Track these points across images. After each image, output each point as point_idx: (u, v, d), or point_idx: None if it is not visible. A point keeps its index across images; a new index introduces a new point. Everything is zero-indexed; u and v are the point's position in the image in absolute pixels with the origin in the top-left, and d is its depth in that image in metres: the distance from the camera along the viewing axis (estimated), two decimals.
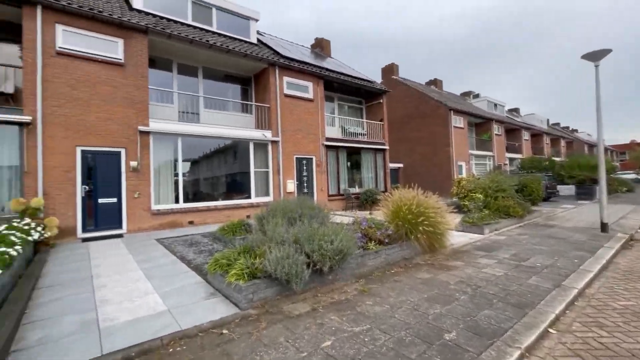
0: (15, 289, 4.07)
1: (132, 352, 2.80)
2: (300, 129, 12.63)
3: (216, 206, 10.31)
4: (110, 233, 8.34)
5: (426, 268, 5.22)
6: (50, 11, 7.70)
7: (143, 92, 9.00)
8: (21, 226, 6.05)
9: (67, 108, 7.84)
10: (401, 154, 22.90)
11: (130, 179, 8.71)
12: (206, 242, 7.47)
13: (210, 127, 10.46)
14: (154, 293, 4.20)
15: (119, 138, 8.55)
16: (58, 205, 7.64)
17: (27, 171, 7.32)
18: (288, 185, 11.98)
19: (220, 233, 7.61)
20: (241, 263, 4.00)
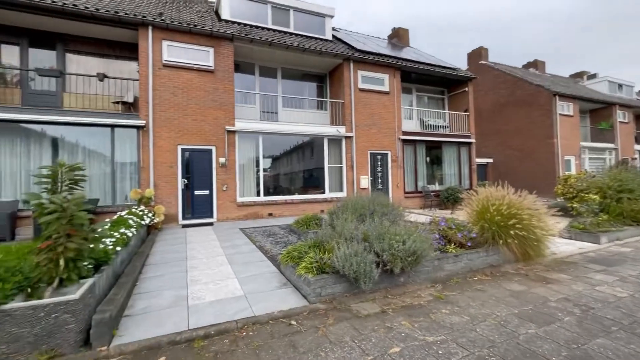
0: (130, 264, 4.90)
1: (211, 330, 3.07)
2: (374, 124, 12.30)
3: (293, 200, 10.79)
4: (203, 221, 9.45)
5: (518, 279, 4.50)
6: (158, 30, 9.04)
7: (230, 95, 9.91)
8: (137, 212, 7.29)
9: (170, 112, 9.12)
10: (491, 148, 20.44)
11: (219, 173, 9.70)
12: (282, 233, 7.86)
13: (287, 125, 10.95)
14: (234, 278, 4.56)
15: (210, 137, 9.60)
16: (164, 195, 8.98)
17: (142, 166, 8.79)
18: (361, 181, 11.80)
19: (295, 226, 7.91)
20: (310, 257, 4.05)
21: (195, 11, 11.34)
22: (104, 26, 8.78)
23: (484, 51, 21.85)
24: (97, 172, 8.62)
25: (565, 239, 7.02)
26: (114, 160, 8.69)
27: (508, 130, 19.66)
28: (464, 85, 14.95)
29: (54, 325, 2.65)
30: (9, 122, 7.76)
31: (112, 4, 9.18)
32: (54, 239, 2.96)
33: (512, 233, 4.82)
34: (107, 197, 8.64)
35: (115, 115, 8.69)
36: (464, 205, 6.02)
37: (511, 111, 19.49)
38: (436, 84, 15.44)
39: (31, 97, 8.88)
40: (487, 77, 20.73)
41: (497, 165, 20.10)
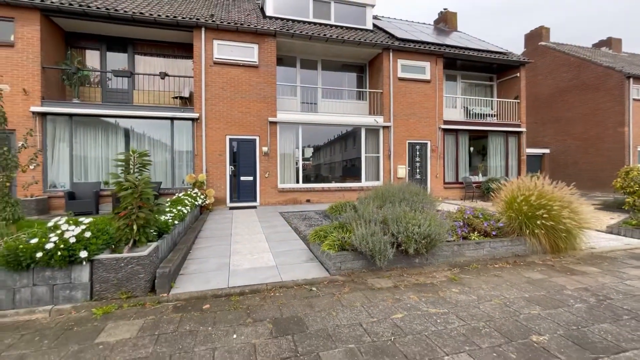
0: (185, 236, 5.82)
1: (246, 289, 3.71)
2: (414, 113, 12.19)
3: (330, 188, 11.29)
4: (248, 205, 10.39)
5: (541, 268, 4.51)
6: (210, 30, 9.96)
7: (272, 88, 10.60)
8: (192, 194, 8.36)
9: (220, 105, 10.09)
10: (549, 138, 18.85)
11: (262, 161, 10.53)
12: (317, 218, 8.42)
13: (326, 115, 11.39)
14: (269, 252, 5.22)
15: (254, 128, 10.42)
16: (214, 180, 10.05)
17: (196, 154, 9.91)
18: (399, 170, 11.87)
19: (329, 211, 8.40)
20: (334, 236, 4.51)
21: (243, 9, 12.15)
22: (165, 30, 9.92)
23: (545, 31, 19.90)
24: (160, 159, 9.93)
25: (614, 234, 6.58)
26: (173, 148, 9.93)
27: (569, 117, 17.91)
28: (515, 71, 13.98)
29: (130, 273, 3.47)
30: (93, 117, 9.30)
31: (170, 9, 10.29)
32: (129, 209, 3.81)
33: (539, 223, 4.78)
34: (168, 181, 9.93)
35: (174, 109, 9.87)
36: (494, 197, 5.99)
37: (574, 96, 17.69)
38: (484, 70, 14.64)
39: (109, 95, 10.44)
40: (547, 59, 18.96)
41: (556, 156, 18.51)
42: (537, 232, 4.86)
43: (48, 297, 3.27)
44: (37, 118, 8.69)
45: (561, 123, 18.25)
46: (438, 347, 2.56)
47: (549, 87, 18.91)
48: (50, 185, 9.02)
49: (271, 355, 2.46)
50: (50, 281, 3.27)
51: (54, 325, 2.97)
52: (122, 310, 3.26)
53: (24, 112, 8.58)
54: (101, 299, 3.40)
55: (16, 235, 3.32)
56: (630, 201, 7.81)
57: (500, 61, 13.40)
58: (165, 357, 2.46)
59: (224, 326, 2.92)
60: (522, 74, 13.76)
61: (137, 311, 3.25)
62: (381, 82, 12.01)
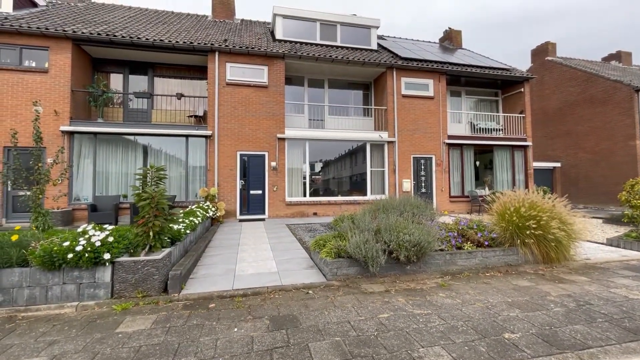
0: (196, 245, 6.25)
1: (248, 291, 4.07)
2: (418, 129, 12.54)
3: (336, 201, 11.64)
4: (257, 217, 10.83)
5: (531, 277, 4.70)
6: (223, 54, 10.74)
7: (280, 106, 11.21)
8: (204, 206, 8.86)
9: (231, 123, 10.72)
10: (559, 151, 18.76)
11: (271, 176, 11.02)
12: (322, 230, 8.74)
13: (332, 132, 11.87)
14: (272, 260, 5.58)
15: (263, 144, 10.98)
16: (225, 194, 10.57)
17: (208, 169, 10.50)
18: (404, 184, 12.14)
19: (334, 223, 8.73)
20: (332, 244, 4.85)
21: (254, 33, 12.99)
22: (182, 54, 10.76)
23: (551, 46, 20.15)
24: (175, 174, 10.56)
25: (613, 247, 6.64)
26: (187, 164, 10.56)
27: (579, 131, 17.85)
28: (519, 86, 14.24)
29: (145, 275, 3.90)
30: (115, 135, 10.06)
31: (187, 36, 11.17)
32: (146, 218, 4.27)
33: (529, 233, 4.99)
34: (182, 194, 10.51)
35: (189, 127, 10.56)
36: (488, 209, 6.21)
37: (583, 110, 17.68)
38: (488, 86, 14.95)
39: (130, 114, 11.27)
40: (555, 74, 19.11)
41: (567, 170, 18.35)
42: (527, 242, 5.06)
43: (75, 294, 3.72)
44: (65, 136, 9.49)
45: (571, 136, 18.18)
46: (415, 341, 2.84)
47: (558, 101, 18.97)
48: (75, 199, 9.72)
49: (266, 345, 2.79)
50: (77, 280, 3.72)
51: (80, 318, 3.40)
52: (139, 307, 3.66)
53: (54, 131, 9.40)
54: (120, 297, 3.82)
55: (50, 240, 3.81)
56: (630, 214, 7.83)
57: (504, 77, 13.71)
58: (174, 344, 2.83)
59: (227, 322, 3.28)
60: (527, 89, 13.99)
61: (152, 308, 3.65)
62: (386, 99, 12.47)
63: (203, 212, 8.11)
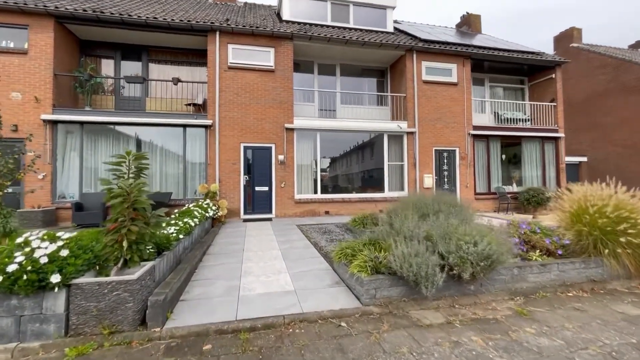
0: (192, 252, 5.14)
1: (258, 323, 2.94)
2: (440, 118, 11.33)
3: (350, 199, 10.49)
4: (263, 216, 9.72)
5: (632, 299, 3.52)
6: (224, 34, 9.58)
7: (288, 93, 10.05)
8: (203, 205, 7.76)
9: (234, 112, 9.59)
10: (585, 145, 17.43)
11: (278, 170, 9.88)
12: (338, 231, 7.60)
13: (345, 121, 10.70)
14: (285, 272, 4.45)
15: (269, 135, 9.84)
16: (227, 190, 9.46)
17: (209, 163, 9.38)
18: (425, 180, 10.95)
19: (352, 224, 7.60)
20: (364, 255, 3.71)
21: (259, 15, 11.82)
22: (179, 35, 9.62)
23: (576, 32, 18.75)
24: (172, 169, 9.46)
25: None
26: (185, 157, 9.45)
27: (609, 123, 16.50)
28: (549, 72, 12.94)
29: (115, 302, 2.78)
30: (104, 125, 8.97)
31: (185, 15, 10.02)
32: (119, 222, 3.15)
33: (623, 241, 3.81)
34: (180, 191, 9.41)
35: (186, 116, 9.44)
36: (553, 208, 5.03)
37: (613, 100, 16.32)
38: (513, 73, 13.66)
39: (122, 103, 10.17)
40: (580, 62, 17.73)
41: (595, 164, 17.03)
42: (619, 251, 3.88)
43: (13, 332, 2.62)
44: (47, 126, 8.41)
45: (599, 129, 16.84)
46: None
47: (584, 91, 17.61)
48: (60, 196, 8.66)
49: None
50: (16, 312, 2.62)
51: None
52: (102, 351, 2.56)
53: (35, 120, 8.32)
54: (78, 334, 2.71)
55: None
56: None
57: (533, 62, 12.42)
58: None
59: None
60: (558, 75, 12.70)
61: (121, 352, 2.54)
62: (404, 85, 11.26)
63: (202, 211, 7.00)
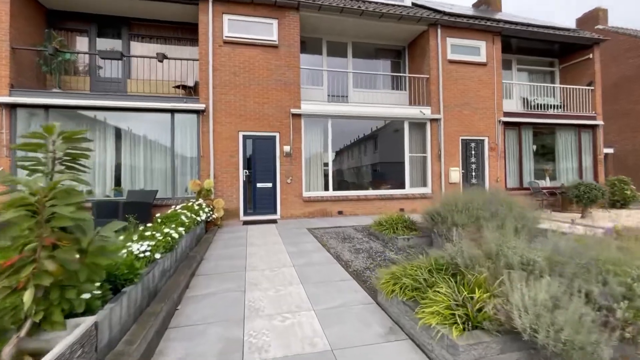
0: (175, 275, 3.73)
1: None
2: (467, 103, 9.90)
3: (366, 196, 9.08)
4: (266, 218, 8.30)
5: None
6: (219, 2, 8.05)
7: (295, 72, 8.56)
8: (193, 206, 6.33)
9: (231, 94, 8.10)
10: (612, 135, 16.09)
11: (284, 164, 8.45)
12: (360, 237, 6.21)
13: (360, 107, 9.24)
14: (309, 309, 3.05)
15: (273, 122, 8.38)
16: (224, 188, 8.02)
17: (202, 155, 7.92)
18: (451, 174, 9.56)
19: (376, 229, 6.22)
20: (444, 294, 2.31)
21: None
22: (165, 3, 8.08)
23: (602, 13, 17.25)
24: (158, 163, 8.00)
25: None
26: (174, 149, 7.98)
27: None
28: (585, 52, 11.52)
29: None
30: (75, 109, 7.47)
31: None
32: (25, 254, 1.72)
33: None
34: (167, 189, 7.97)
35: (174, 99, 7.95)
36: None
37: None
38: (543, 54, 12.21)
39: (99, 85, 8.64)
40: (607, 45, 16.29)
41: (623, 156, 15.73)
42: None
43: None
44: (3, 111, 6.91)
45: (630, 117, 15.48)
46: None
47: (612, 76, 16.21)
48: None
49: None
50: None
51: None
52: None
53: None
54: None
55: None
56: None
57: (570, 39, 10.98)
58: None
59: None
60: (597, 55, 11.28)
61: None
62: (426, 66, 9.80)
63: (192, 214, 5.57)
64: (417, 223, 6.14)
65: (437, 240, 5.07)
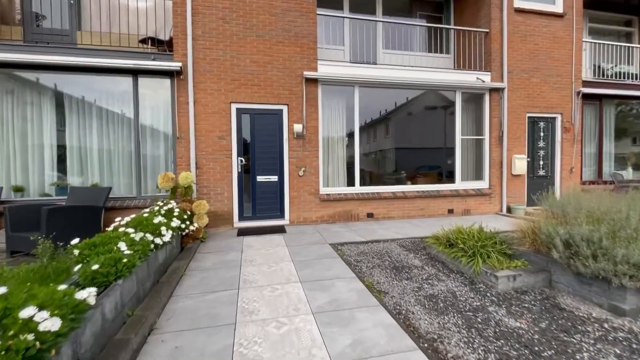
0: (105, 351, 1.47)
1: None
2: (536, 68, 7.43)
3: (404, 193, 6.76)
4: (270, 224, 6.05)
5: None
6: None
7: (310, 20, 6.12)
8: (160, 212, 4.07)
9: (219, 49, 5.69)
10: None
11: (294, 149, 6.12)
12: (419, 266, 3.94)
13: (398, 70, 6.80)
14: None
15: (279, 90, 5.99)
16: (212, 183, 5.74)
17: (178, 137, 5.59)
18: (516, 162, 7.19)
19: (445, 252, 3.95)
20: None
21: None
22: None
23: None
24: (116, 146, 5.69)
25: None
26: (138, 127, 5.65)
27: None
28: None
29: None
30: None
31: None
32: None
33: None
34: (132, 185, 5.69)
35: (137, 56, 5.55)
36: None
37: None
38: (620, 9, 9.58)
39: (36, 37, 6.22)
40: None
41: None
42: None
43: None
44: None
45: None
46: None
47: None
48: None
49: None
50: None
51: None
52: None
53: None
54: None
55: None
56: None
57: None
58: None
59: None
60: None
61: None
62: (485, 17, 7.28)
63: (152, 234, 3.30)
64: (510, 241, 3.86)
65: (561, 279, 2.81)
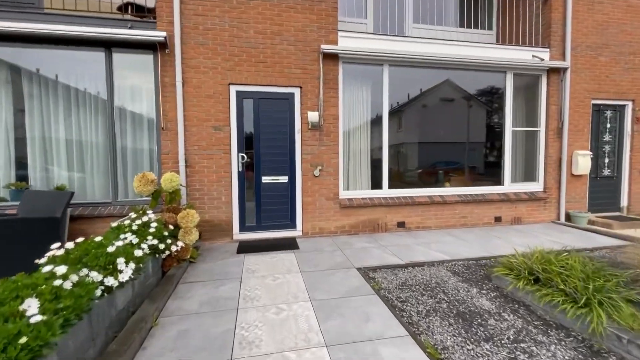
0: None
1: None
2: (606, 44, 6.05)
3: (442, 197, 5.52)
4: (278, 236, 4.90)
5: None
6: None
7: None
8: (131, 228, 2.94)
9: (215, 17, 4.47)
10: None
11: (307, 142, 4.92)
12: (496, 312, 2.74)
13: (435, 45, 5.50)
14: None
15: (290, 68, 4.77)
16: (204, 185, 4.58)
17: (163, 127, 4.43)
18: (578, 160, 5.87)
19: (527, 290, 2.74)
20: None
21: None
22: None
23: None
24: (87, 136, 4.55)
25: None
26: (112, 113, 4.50)
27: None
28: None
29: None
30: None
31: None
32: None
33: None
34: (109, 187, 4.57)
35: (110, 23, 4.37)
36: None
37: None
38: None
39: None
40: None
41: None
42: None
43: None
44: None
45: None
46: None
47: None
48: None
49: None
50: None
51: None
52: None
53: None
54: None
55: None
56: None
57: None
58: None
59: None
60: None
61: None
62: None
63: (103, 266, 2.17)
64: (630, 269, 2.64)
65: None
